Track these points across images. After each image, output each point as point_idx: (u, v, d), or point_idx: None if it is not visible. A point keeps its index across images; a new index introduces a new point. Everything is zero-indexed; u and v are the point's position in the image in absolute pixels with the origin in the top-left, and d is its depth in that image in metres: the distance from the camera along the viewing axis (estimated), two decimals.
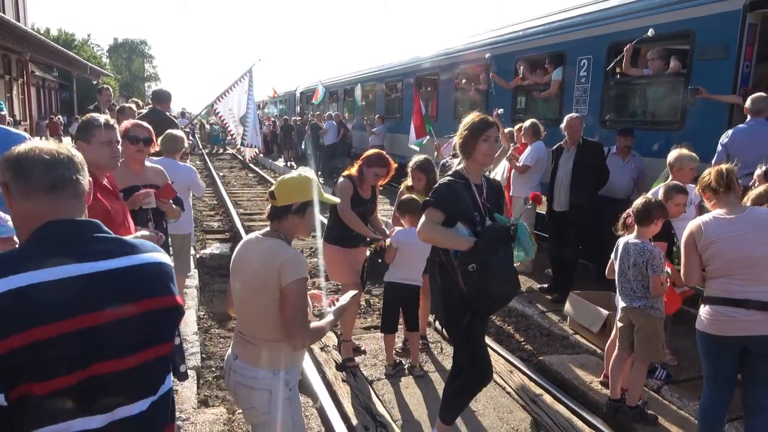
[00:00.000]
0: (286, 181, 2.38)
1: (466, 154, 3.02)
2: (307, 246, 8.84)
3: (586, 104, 7.39)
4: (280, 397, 2.27)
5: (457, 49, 11.03)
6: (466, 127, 2.99)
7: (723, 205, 3.05)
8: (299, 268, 2.22)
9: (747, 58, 5.39)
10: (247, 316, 2.36)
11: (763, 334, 2.83)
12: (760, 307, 2.83)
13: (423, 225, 2.90)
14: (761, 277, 2.87)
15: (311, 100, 20.92)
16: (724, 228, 2.96)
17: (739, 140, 4.97)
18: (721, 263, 2.96)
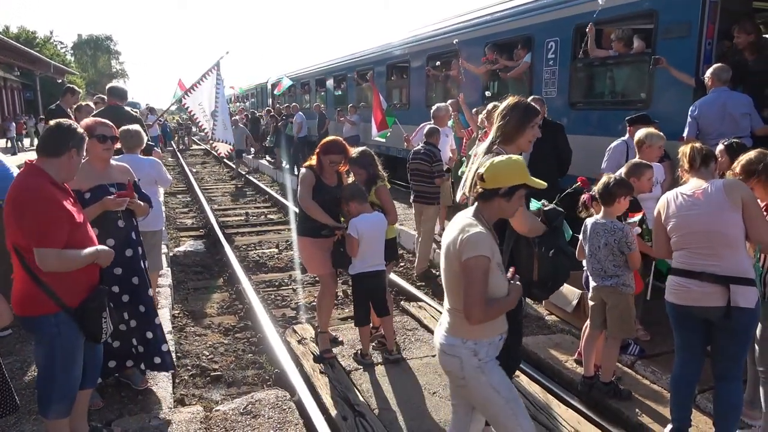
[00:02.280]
0: (497, 164, 2.37)
1: (508, 139, 2.97)
2: (283, 239, 8.78)
3: (554, 86, 7.43)
4: (470, 365, 2.34)
5: (426, 35, 10.99)
6: (513, 111, 2.95)
7: (691, 181, 3.12)
8: (478, 245, 2.24)
9: (709, 35, 5.45)
10: (445, 283, 2.44)
11: (716, 305, 2.91)
12: (712, 280, 2.91)
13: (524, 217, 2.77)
14: (717, 252, 2.93)
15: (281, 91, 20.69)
16: (686, 202, 3.03)
17: (707, 111, 5.04)
18: (681, 236, 3.05)
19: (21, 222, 2.63)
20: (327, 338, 4.53)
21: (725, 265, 2.91)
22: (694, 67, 5.55)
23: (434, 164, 6.52)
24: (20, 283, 2.73)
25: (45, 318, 2.73)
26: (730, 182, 3.02)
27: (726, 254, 2.91)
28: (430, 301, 5.74)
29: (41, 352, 2.82)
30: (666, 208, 3.13)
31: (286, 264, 7.45)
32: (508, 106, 2.99)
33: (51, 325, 2.74)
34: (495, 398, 2.35)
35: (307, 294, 6.29)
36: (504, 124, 2.97)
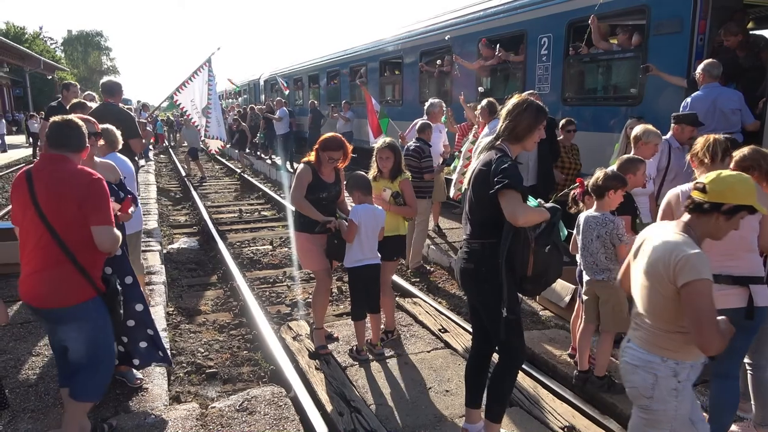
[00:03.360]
0: (727, 178, 2.21)
1: (516, 138, 2.88)
2: (277, 236, 8.77)
3: (548, 82, 7.46)
4: (666, 386, 2.25)
5: (420, 31, 10.99)
6: (526, 112, 2.84)
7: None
8: (702, 269, 2.10)
9: (700, 31, 5.50)
10: (644, 301, 2.32)
11: (736, 307, 2.84)
12: (731, 282, 2.83)
13: (518, 208, 2.64)
14: (736, 254, 2.85)
15: (274, 88, 20.65)
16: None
17: (698, 107, 5.08)
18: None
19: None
20: (322, 334, 4.54)
21: (743, 266, 2.86)
22: (686, 62, 5.59)
23: (422, 160, 6.53)
24: (61, 274, 2.78)
25: (86, 304, 2.84)
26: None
27: (744, 256, 2.87)
28: (424, 297, 5.76)
29: (84, 339, 2.88)
30: (680, 204, 2.93)
31: (280, 261, 7.44)
32: (519, 105, 2.88)
33: (91, 310, 2.87)
34: (665, 427, 2.29)
35: (301, 291, 6.29)
36: (514, 123, 2.87)
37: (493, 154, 2.84)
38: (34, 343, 4.38)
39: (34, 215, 2.75)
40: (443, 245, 7.47)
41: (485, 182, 2.76)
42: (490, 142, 2.93)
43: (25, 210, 2.79)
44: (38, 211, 2.74)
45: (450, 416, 3.58)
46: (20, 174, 2.87)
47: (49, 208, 2.74)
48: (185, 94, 9.44)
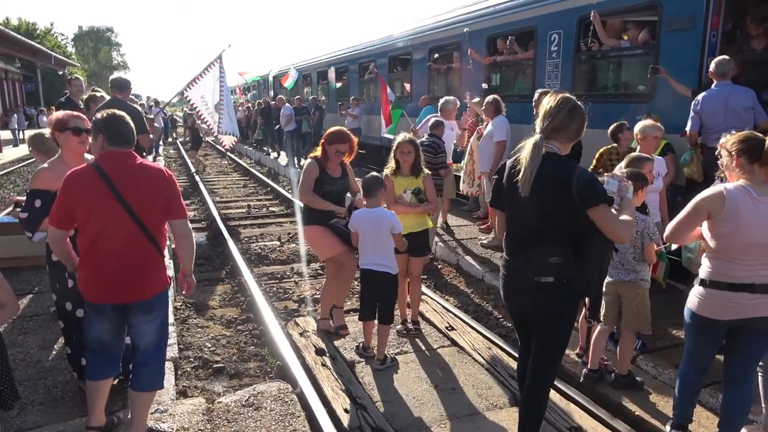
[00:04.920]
0: None
1: (567, 137, 2.67)
2: (285, 232, 8.77)
3: (558, 79, 7.39)
4: None
5: (429, 27, 10.93)
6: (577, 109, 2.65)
7: (752, 180, 2.75)
8: None
9: (713, 27, 5.42)
10: None
11: (764, 316, 2.76)
12: (764, 290, 2.73)
13: (619, 224, 2.54)
14: None
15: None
16: (750, 207, 2.69)
17: (710, 105, 5.03)
18: (737, 244, 2.74)
19: (180, 197, 2.94)
20: (341, 313, 4.71)
21: None
22: (699, 59, 5.52)
23: (438, 156, 6.51)
24: (154, 265, 2.91)
25: (166, 290, 3.01)
26: None
27: None
28: (432, 294, 5.74)
29: (159, 324, 3.00)
30: (722, 204, 2.73)
31: (288, 257, 7.45)
32: (568, 102, 2.65)
33: (167, 296, 3.07)
34: None
35: (309, 287, 6.29)
36: (567, 122, 2.64)
37: (560, 160, 2.63)
38: (44, 337, 4.41)
39: (120, 212, 2.76)
40: (451, 242, 7.44)
41: (562, 192, 2.56)
42: (538, 144, 2.61)
43: (101, 208, 2.76)
44: (127, 208, 2.77)
45: (456, 414, 3.57)
46: (86, 171, 2.81)
47: (139, 204, 2.80)
48: (196, 90, 9.48)
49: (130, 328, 2.97)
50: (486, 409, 3.64)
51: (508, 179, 2.76)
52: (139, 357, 2.98)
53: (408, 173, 4.58)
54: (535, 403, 2.87)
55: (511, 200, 2.76)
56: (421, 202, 4.57)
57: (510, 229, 2.84)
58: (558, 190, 2.58)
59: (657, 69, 5.70)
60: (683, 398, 3.15)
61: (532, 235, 2.70)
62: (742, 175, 2.79)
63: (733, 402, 2.99)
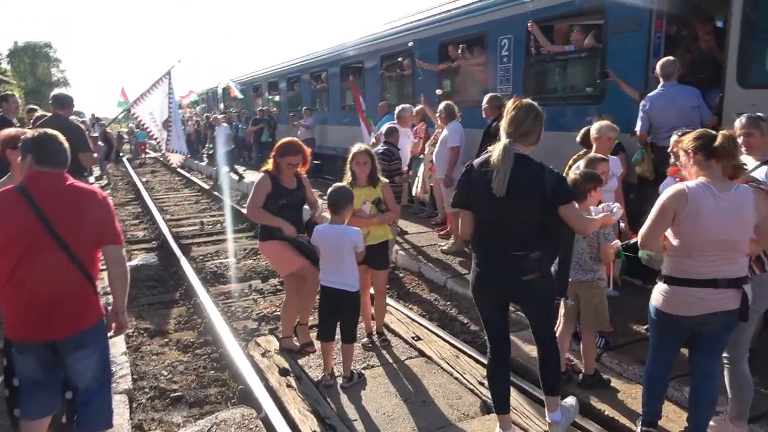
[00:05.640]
0: None
1: (532, 142, 2.94)
2: (241, 248, 8.53)
3: (509, 83, 7.48)
4: None
5: (380, 35, 10.92)
6: (541, 116, 2.92)
7: (711, 176, 2.78)
8: None
9: (657, 30, 5.58)
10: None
11: (732, 308, 2.81)
12: (726, 285, 2.78)
13: (585, 219, 3.03)
14: (734, 257, 2.79)
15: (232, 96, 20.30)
16: (712, 204, 2.72)
17: (657, 105, 5.17)
18: (698, 242, 2.77)
19: (115, 221, 2.74)
20: (307, 330, 4.57)
21: (737, 267, 2.81)
22: (644, 60, 5.66)
23: (392, 163, 6.47)
24: (83, 296, 2.68)
25: (101, 322, 2.77)
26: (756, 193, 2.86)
27: (740, 259, 2.82)
28: (395, 303, 5.65)
29: (98, 359, 2.75)
30: (685, 202, 2.75)
31: (245, 274, 7.22)
32: (533, 109, 2.92)
33: (104, 329, 2.80)
34: None
35: (269, 303, 6.09)
36: (531, 127, 2.91)
37: (529, 161, 2.87)
38: None
39: (45, 239, 2.52)
40: (411, 250, 7.39)
41: (536, 192, 2.82)
42: (508, 147, 2.83)
43: (23, 234, 2.52)
44: (53, 234, 2.53)
45: (429, 428, 3.48)
46: (8, 193, 2.57)
47: (68, 230, 2.56)
48: (143, 106, 9.19)
49: (65, 367, 2.69)
50: (458, 420, 3.57)
51: (477, 181, 2.90)
52: (79, 396, 2.73)
53: (365, 184, 4.48)
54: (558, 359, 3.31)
55: (484, 201, 2.91)
56: (382, 212, 4.48)
57: (482, 228, 3.00)
58: (531, 189, 2.81)
59: (606, 73, 5.83)
60: (651, 395, 3.16)
61: (511, 234, 2.91)
62: (702, 173, 2.82)
63: (701, 395, 3.02)
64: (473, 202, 3.00)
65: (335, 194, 3.97)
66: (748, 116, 3.46)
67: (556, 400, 3.27)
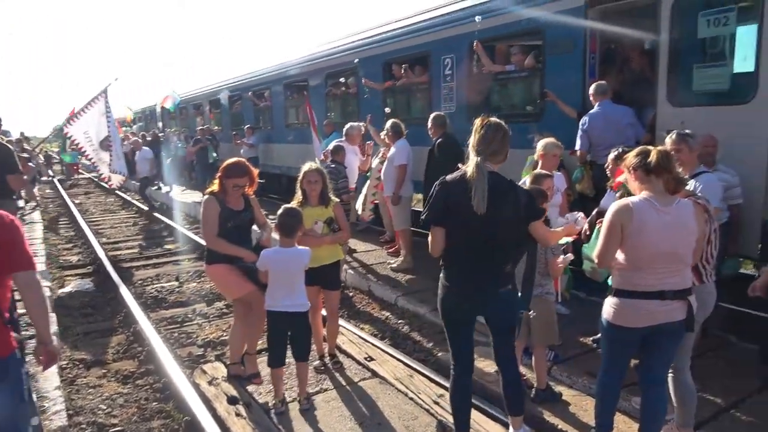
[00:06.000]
0: None
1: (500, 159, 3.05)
2: (183, 271, 8.21)
3: (453, 101, 7.61)
4: None
5: (325, 53, 10.92)
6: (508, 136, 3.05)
7: (653, 191, 2.89)
8: None
9: (592, 50, 5.83)
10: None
11: (676, 320, 2.90)
12: (673, 296, 2.86)
13: (549, 232, 3.24)
14: (679, 269, 2.88)
15: (172, 115, 19.76)
16: (655, 218, 2.82)
17: (595, 123, 5.40)
18: (644, 255, 2.85)
19: (22, 245, 2.54)
20: (254, 360, 4.36)
21: (682, 279, 2.92)
22: (581, 80, 5.90)
23: (339, 181, 6.43)
24: None
25: (13, 356, 2.54)
26: (696, 203, 3.00)
27: (683, 270, 2.93)
28: (346, 324, 5.56)
29: (9, 399, 2.49)
30: (630, 217, 2.83)
31: (189, 297, 6.94)
32: (502, 128, 3.04)
33: (16, 363, 2.57)
34: None
35: (214, 328, 5.87)
36: (500, 147, 3.01)
37: (501, 178, 2.99)
38: None
39: None
40: (360, 269, 7.33)
41: (511, 208, 2.94)
42: (480, 165, 2.91)
43: None
44: None
45: None
46: None
47: None
48: (78, 125, 8.77)
49: None
50: None
51: (454, 197, 2.94)
52: None
53: (316, 203, 4.41)
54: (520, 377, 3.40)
55: (461, 217, 2.94)
56: (334, 231, 4.42)
57: (458, 243, 3.03)
58: (506, 205, 2.92)
59: (546, 93, 6.06)
60: (604, 406, 3.21)
61: (488, 248, 2.98)
62: (644, 188, 2.92)
63: (652, 405, 3.09)
64: (448, 218, 2.99)
65: (286, 217, 3.89)
66: (677, 133, 3.69)
67: (520, 419, 3.30)
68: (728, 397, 3.82)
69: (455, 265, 3.10)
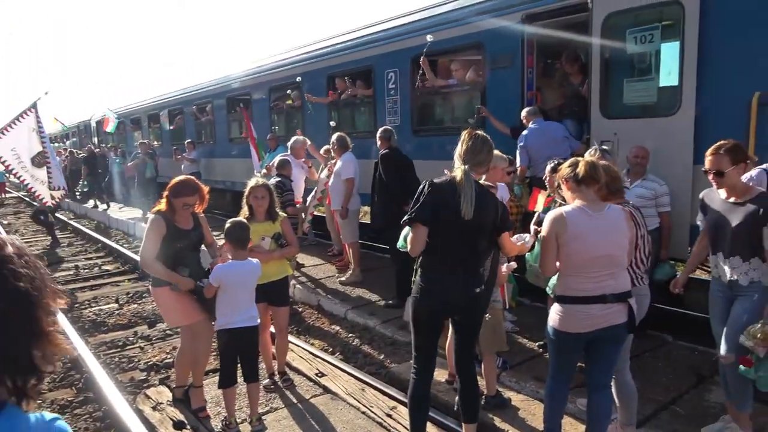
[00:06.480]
0: None
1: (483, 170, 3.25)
2: (123, 292, 7.88)
3: (397, 115, 7.71)
4: None
5: (269, 67, 10.83)
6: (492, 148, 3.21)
7: (585, 199, 3.03)
8: None
9: (529, 65, 6.05)
10: None
11: (617, 323, 3.01)
12: (614, 300, 2.97)
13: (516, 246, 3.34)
14: (615, 272, 2.99)
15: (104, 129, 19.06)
16: (588, 223, 2.95)
17: (533, 139, 5.61)
18: (582, 260, 2.96)
19: None
20: (202, 394, 4.16)
21: (621, 283, 3.03)
22: (520, 94, 6.11)
23: (284, 194, 6.38)
24: None
25: None
26: (625, 209, 3.12)
27: (621, 274, 3.05)
28: (296, 340, 5.49)
29: None
30: (564, 226, 2.96)
31: (129, 320, 6.66)
32: (488, 141, 3.18)
33: None
34: None
35: (158, 351, 5.65)
36: (486, 157, 3.17)
37: (484, 188, 3.15)
38: None
39: None
40: (309, 283, 7.26)
41: (490, 216, 3.08)
42: (467, 173, 3.04)
43: None
44: None
45: None
46: None
47: None
48: (4, 142, 8.31)
49: None
50: None
51: (444, 201, 3.02)
52: None
53: (263, 219, 4.34)
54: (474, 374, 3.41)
55: (448, 220, 3.03)
56: (282, 247, 4.36)
57: (440, 245, 3.10)
58: (487, 213, 3.06)
59: (479, 109, 6.25)
60: (552, 411, 3.30)
61: (468, 251, 3.11)
62: (576, 197, 3.08)
63: (598, 407, 3.19)
64: (435, 219, 3.06)
65: (236, 229, 3.82)
66: (595, 148, 3.94)
67: (474, 427, 3.36)
68: (668, 394, 4.01)
69: (435, 264, 3.15)
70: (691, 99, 4.75)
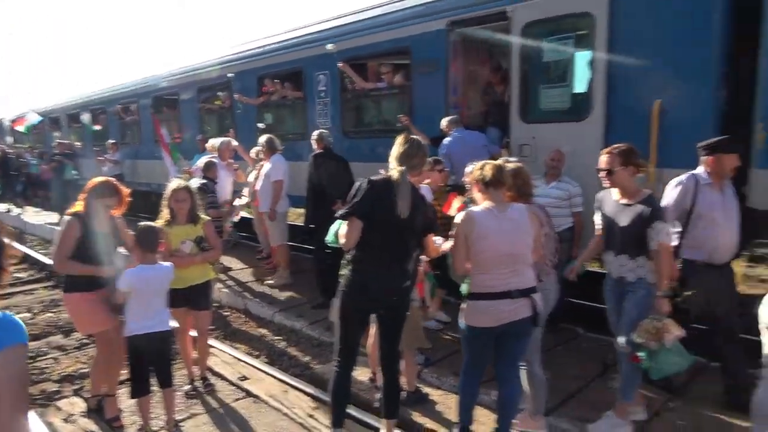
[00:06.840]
0: None
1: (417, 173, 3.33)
2: (37, 301, 7.46)
3: (327, 117, 7.72)
4: None
5: (198, 67, 10.56)
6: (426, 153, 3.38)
7: (492, 200, 3.18)
8: None
9: (454, 70, 6.22)
10: None
11: (522, 318, 3.16)
12: (519, 295, 3.12)
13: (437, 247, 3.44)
14: (520, 269, 3.14)
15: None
16: (494, 223, 3.10)
17: (454, 149, 5.77)
18: (489, 257, 3.10)
19: None
20: (115, 403, 4.00)
21: (525, 279, 3.17)
22: (443, 98, 6.26)
23: (207, 196, 6.25)
24: None
25: None
26: (529, 209, 3.28)
27: (525, 270, 3.19)
28: (220, 345, 5.38)
29: None
30: (473, 226, 3.11)
31: (43, 330, 6.30)
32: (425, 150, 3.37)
33: None
34: None
35: (73, 361, 5.38)
36: (420, 162, 3.31)
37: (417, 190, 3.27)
38: None
39: None
40: (236, 287, 7.14)
41: (421, 216, 3.23)
42: (405, 174, 3.17)
43: None
44: None
45: None
46: None
47: None
48: None
49: None
50: None
51: (381, 197, 3.12)
52: None
53: (185, 222, 4.24)
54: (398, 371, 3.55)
55: (384, 216, 3.13)
56: (204, 250, 4.27)
57: (374, 239, 3.18)
58: (419, 213, 3.20)
59: (400, 118, 6.37)
60: (465, 403, 3.43)
61: (400, 246, 3.26)
62: (484, 198, 3.23)
63: (507, 398, 3.35)
64: (371, 215, 3.14)
65: (146, 233, 3.73)
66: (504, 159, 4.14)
67: (394, 423, 3.47)
68: (576, 384, 4.23)
69: (368, 260, 3.23)
70: (601, 105, 5.03)
